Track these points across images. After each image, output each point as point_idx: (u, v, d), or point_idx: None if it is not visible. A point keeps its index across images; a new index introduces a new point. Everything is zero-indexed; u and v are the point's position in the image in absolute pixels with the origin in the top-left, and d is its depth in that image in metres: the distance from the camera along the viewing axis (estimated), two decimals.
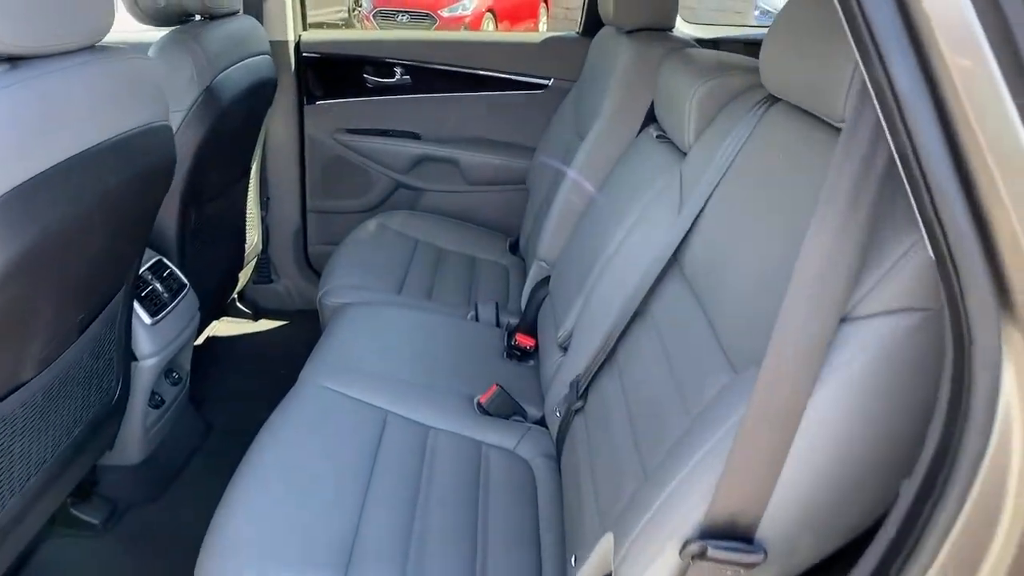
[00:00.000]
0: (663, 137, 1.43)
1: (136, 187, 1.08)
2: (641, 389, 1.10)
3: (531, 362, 1.68)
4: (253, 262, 2.33)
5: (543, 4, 11.30)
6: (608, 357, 1.25)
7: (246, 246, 2.18)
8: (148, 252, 1.61)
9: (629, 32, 1.69)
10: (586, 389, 1.28)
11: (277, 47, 2.14)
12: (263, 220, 2.34)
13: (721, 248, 1.04)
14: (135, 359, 1.47)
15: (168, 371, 1.66)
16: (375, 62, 2.29)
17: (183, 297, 1.62)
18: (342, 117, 2.33)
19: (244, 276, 2.29)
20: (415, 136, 2.37)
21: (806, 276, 0.67)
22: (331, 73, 2.30)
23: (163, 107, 1.14)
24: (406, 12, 9.26)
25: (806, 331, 0.68)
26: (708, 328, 0.99)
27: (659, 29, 1.71)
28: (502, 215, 2.41)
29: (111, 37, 1.03)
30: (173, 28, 1.64)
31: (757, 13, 8.37)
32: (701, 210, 1.14)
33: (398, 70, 2.30)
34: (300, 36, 2.24)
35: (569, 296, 1.49)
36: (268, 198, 2.35)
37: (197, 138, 1.61)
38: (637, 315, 1.20)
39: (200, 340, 2.20)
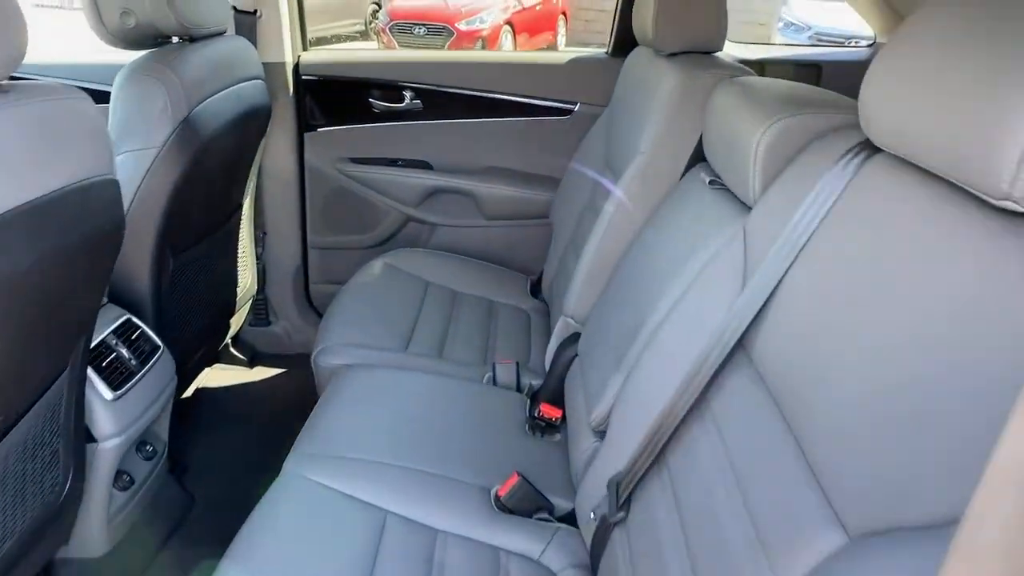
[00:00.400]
0: (718, 183, 1.20)
1: (68, 259, 0.87)
2: (703, 517, 0.86)
3: (557, 436, 1.45)
4: (248, 304, 2.12)
5: (561, 16, 11.14)
6: (656, 459, 1.01)
7: (238, 289, 1.97)
8: (114, 310, 1.40)
9: (671, 55, 1.46)
10: (628, 496, 1.04)
11: (273, 69, 1.93)
12: (259, 258, 2.13)
13: (809, 346, 0.79)
14: (93, 440, 1.26)
15: (141, 444, 1.45)
16: (382, 85, 2.08)
17: (156, 361, 1.40)
18: (346, 145, 2.12)
19: (238, 320, 2.07)
20: (426, 166, 2.15)
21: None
22: (333, 97, 2.08)
23: (104, 157, 0.92)
24: (423, 25, 9.16)
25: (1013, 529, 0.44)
26: (797, 454, 0.75)
27: (705, 52, 1.47)
28: (522, 253, 2.18)
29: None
30: (147, 52, 1.43)
31: (781, 25, 8.11)
32: (776, 287, 0.90)
33: (408, 94, 2.08)
34: (299, 57, 2.03)
35: (604, 369, 1.25)
36: (265, 234, 2.14)
37: (173, 177, 1.40)
38: (694, 411, 0.97)
39: (188, 392, 1.99)
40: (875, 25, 2.03)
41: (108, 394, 1.26)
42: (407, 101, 2.09)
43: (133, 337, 1.37)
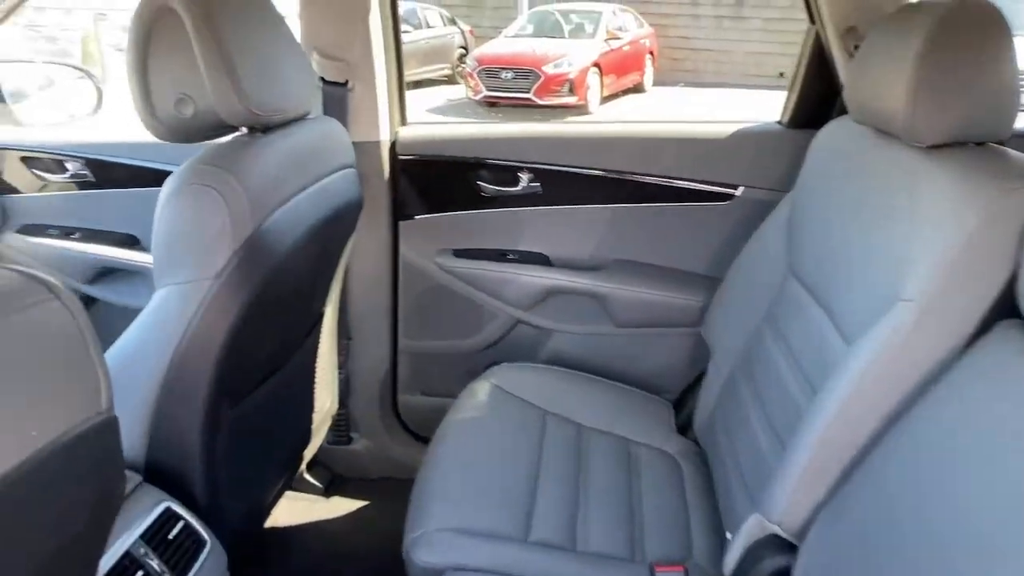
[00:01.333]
0: None
1: (37, 549, 0.50)
2: None
3: None
4: (326, 425, 1.75)
5: (648, 55, 10.79)
6: None
7: (315, 415, 1.60)
8: (149, 494, 1.04)
9: (933, 146, 1.00)
10: None
11: (365, 150, 1.58)
12: (341, 368, 1.77)
13: None
14: None
15: None
16: (494, 165, 1.70)
17: (201, 565, 1.03)
18: (447, 236, 1.75)
19: (315, 444, 1.71)
20: (544, 261, 1.75)
21: None
22: (434, 179, 1.72)
23: (92, 388, 0.55)
24: (510, 69, 9.01)
25: None
26: None
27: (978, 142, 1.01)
28: (663, 369, 1.75)
29: None
30: (205, 149, 1.09)
31: None
32: None
33: (524, 176, 1.70)
34: (397, 134, 1.68)
35: None
36: (349, 339, 1.78)
37: (232, 315, 1.04)
38: None
39: None
40: None
41: None
42: (523, 184, 1.71)
43: (173, 535, 1.01)
